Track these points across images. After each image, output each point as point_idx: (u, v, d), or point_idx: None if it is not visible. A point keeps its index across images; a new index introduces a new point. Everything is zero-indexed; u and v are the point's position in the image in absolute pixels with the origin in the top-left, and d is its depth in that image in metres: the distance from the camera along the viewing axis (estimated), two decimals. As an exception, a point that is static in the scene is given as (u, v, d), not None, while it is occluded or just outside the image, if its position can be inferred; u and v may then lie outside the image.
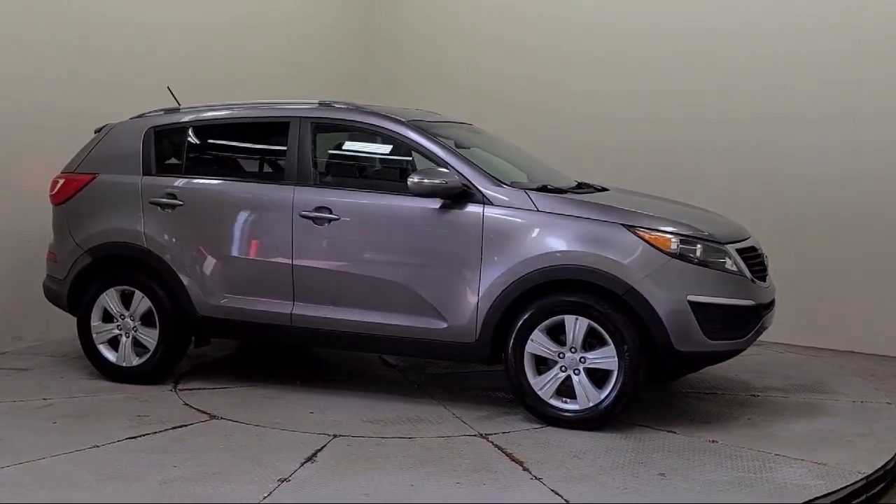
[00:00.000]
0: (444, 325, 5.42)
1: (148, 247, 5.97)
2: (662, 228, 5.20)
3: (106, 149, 6.30)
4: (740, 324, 5.23)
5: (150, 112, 6.43)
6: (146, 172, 6.12)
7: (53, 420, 5.28)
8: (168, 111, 6.35)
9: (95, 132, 6.47)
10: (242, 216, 5.85)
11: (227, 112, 6.20)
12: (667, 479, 4.45)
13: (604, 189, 6.00)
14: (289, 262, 5.70)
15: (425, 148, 5.60)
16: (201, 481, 4.37)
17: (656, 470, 4.58)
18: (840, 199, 7.53)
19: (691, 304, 5.06)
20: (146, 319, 6.05)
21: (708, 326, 5.09)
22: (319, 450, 4.81)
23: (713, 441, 5.06)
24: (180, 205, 5.95)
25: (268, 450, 4.81)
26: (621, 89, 8.51)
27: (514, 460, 4.71)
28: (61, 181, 6.36)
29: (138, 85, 7.52)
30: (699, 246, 5.19)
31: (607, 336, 5.11)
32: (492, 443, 4.99)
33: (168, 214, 5.97)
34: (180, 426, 5.20)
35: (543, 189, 5.53)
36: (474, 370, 6.57)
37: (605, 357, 5.12)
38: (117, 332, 6.11)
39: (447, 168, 5.43)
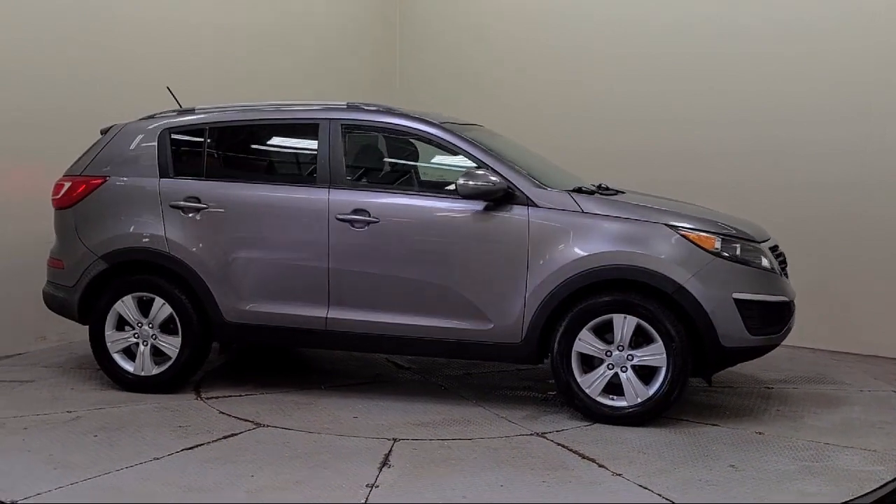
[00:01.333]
0: (490, 326, 5.45)
1: (171, 252, 5.79)
2: (705, 228, 5.37)
3: (116, 151, 6.08)
4: (776, 319, 5.44)
5: (160, 113, 6.24)
6: (163, 175, 5.93)
7: (94, 433, 5.07)
8: (181, 112, 6.17)
9: (102, 133, 6.23)
10: (273, 219, 5.74)
11: (251, 114, 6.06)
12: (739, 471, 4.60)
13: (620, 192, 6.12)
14: (324, 265, 5.62)
15: (464, 150, 5.62)
16: (288, 489, 4.29)
17: (725, 462, 4.73)
18: (861, 202, 7.46)
19: (735, 301, 5.24)
20: (165, 326, 5.87)
21: (750, 322, 5.28)
22: (388, 454, 4.78)
23: (759, 433, 5.25)
24: (204, 208, 5.79)
25: (336, 456, 4.74)
26: (641, 90, 8.52)
27: (584, 457, 4.78)
28: (67, 184, 6.10)
29: (141, 85, 7.37)
30: (738, 245, 5.38)
31: (655, 333, 5.24)
32: (552, 441, 5.05)
33: (191, 218, 5.80)
34: (230, 435, 5.07)
35: (578, 191, 5.63)
36: (493, 369, 6.66)
37: (654, 354, 5.25)
38: (134, 340, 5.90)
39: (489, 170, 5.47)
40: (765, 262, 5.44)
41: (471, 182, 5.38)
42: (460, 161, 5.68)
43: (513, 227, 5.42)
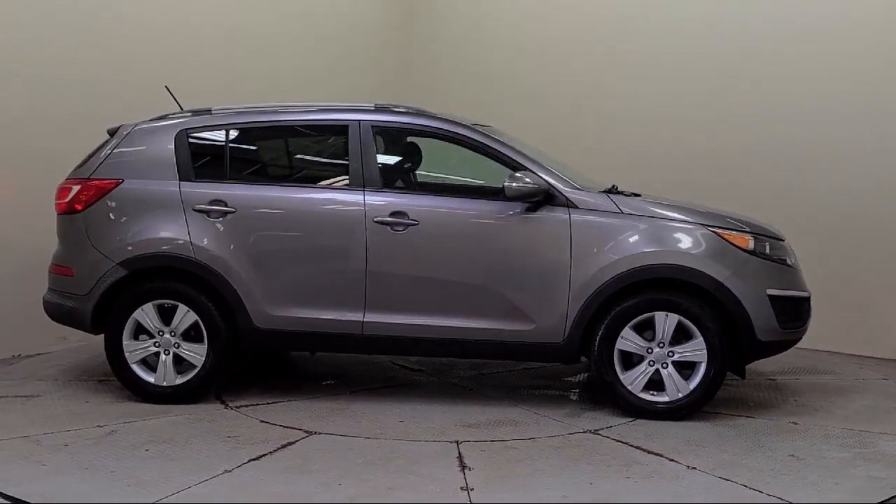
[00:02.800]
0: (531, 326, 5.50)
1: (197, 257, 5.59)
2: (739, 228, 5.57)
3: (129, 152, 5.82)
4: (802, 314, 5.69)
5: (174, 114, 6.02)
6: (184, 178, 5.72)
7: (142, 447, 4.85)
8: (197, 113, 5.96)
9: (109, 133, 5.96)
10: (307, 223, 5.62)
11: (275, 115, 5.92)
12: (801, 460, 4.80)
13: (636, 195, 6.24)
14: (361, 268, 5.55)
15: (500, 152, 5.66)
16: (385, 495, 4.24)
17: (783, 452, 4.93)
18: (883, 204, 7.45)
19: (769, 296, 5.47)
20: (187, 335, 5.67)
21: (782, 317, 5.52)
22: (460, 457, 4.77)
23: (794, 423, 5.49)
24: (232, 212, 5.62)
25: (411, 461, 4.69)
26: (656, 90, 8.54)
27: (650, 452, 4.89)
28: (75, 187, 5.80)
29: (140, 85, 7.19)
30: (768, 243, 5.61)
31: (696, 330, 5.41)
32: (608, 437, 5.15)
33: (218, 222, 5.62)
34: (287, 444, 4.94)
35: (611, 191, 5.74)
36: (503, 369, 6.75)
37: (695, 350, 5.42)
38: (155, 349, 5.68)
39: (528, 172, 5.52)
40: (789, 260, 5.69)
41: (515, 184, 5.42)
42: (494, 163, 5.70)
43: (555, 229, 5.48)
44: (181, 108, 6.20)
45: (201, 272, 5.60)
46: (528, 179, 5.44)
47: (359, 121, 5.74)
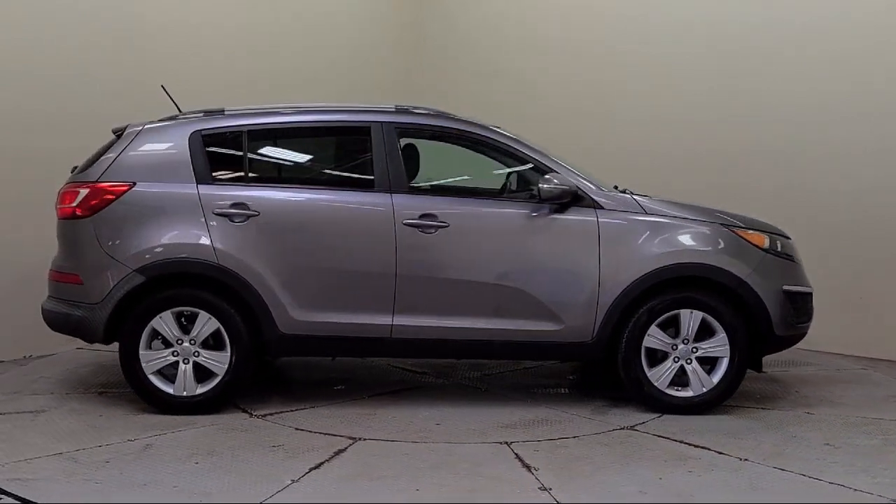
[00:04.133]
0: (560, 326, 5.56)
1: (220, 262, 5.42)
2: (755, 227, 5.78)
3: (140, 154, 5.59)
4: (809, 309, 5.94)
5: (185, 114, 5.83)
6: (201, 181, 5.54)
7: (191, 460, 4.68)
8: (209, 114, 5.78)
9: (115, 133, 5.72)
10: (334, 226, 5.53)
11: (295, 116, 5.79)
12: (838, 448, 5.01)
13: (644, 196, 6.34)
14: (391, 271, 5.49)
15: (527, 154, 5.70)
16: (469, 498, 4.22)
17: (817, 441, 5.14)
18: (885, 205, 7.44)
19: (785, 292, 5.69)
20: (205, 342, 5.50)
21: (795, 312, 5.76)
22: (519, 457, 4.78)
23: (809, 413, 5.74)
24: (255, 215, 5.47)
25: (474, 463, 4.67)
26: (666, 91, 8.52)
27: (696, 447, 5.02)
28: (83, 191, 5.54)
29: (142, 85, 7.05)
30: (779, 241, 5.84)
31: (719, 326, 5.58)
32: (648, 433, 5.26)
33: (241, 226, 5.47)
34: (339, 451, 4.85)
35: (623, 193, 5.86)
36: (506, 368, 6.81)
37: (718, 345, 5.59)
38: (173, 358, 5.48)
39: (556, 173, 5.58)
40: (796, 257, 5.94)
41: (548, 185, 5.47)
42: (515, 164, 5.77)
43: (583, 229, 5.56)
44: (178, 108, 6.01)
45: (225, 278, 5.44)
46: (557, 181, 5.50)
47: (381, 122, 5.68)
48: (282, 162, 5.94)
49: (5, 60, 6.44)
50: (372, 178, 5.62)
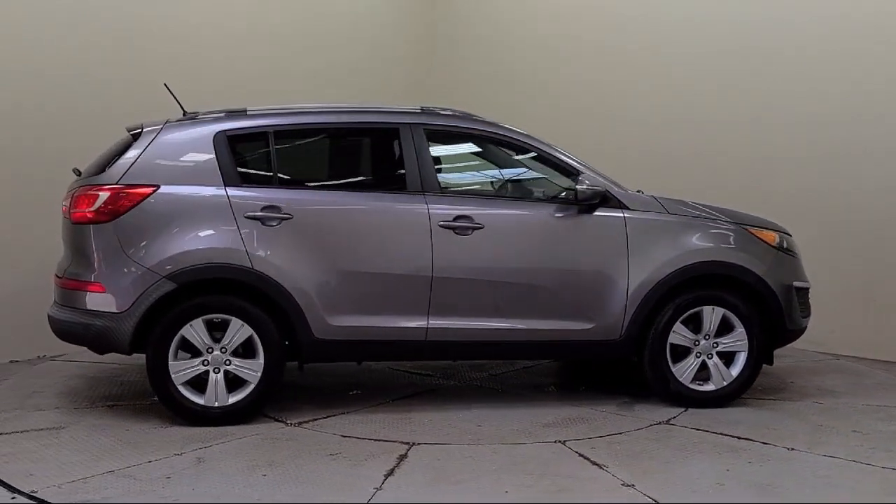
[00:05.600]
0: (590, 325, 5.66)
1: (255, 267, 5.25)
2: (766, 226, 6.03)
3: (162, 156, 5.35)
4: (808, 303, 6.24)
5: (204, 114, 5.62)
6: (230, 183, 5.35)
7: (257, 472, 4.53)
8: (231, 114, 5.59)
9: (132, 133, 5.46)
10: (368, 228, 5.45)
11: (321, 117, 5.67)
12: (866, 436, 5.27)
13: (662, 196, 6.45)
14: (427, 273, 5.46)
15: (554, 156, 5.77)
16: (560, 498, 4.24)
17: (845, 429, 5.40)
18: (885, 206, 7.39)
19: (794, 288, 5.97)
20: (236, 350, 5.32)
21: (801, 306, 6.04)
22: (583, 455, 4.84)
23: (817, 402, 6.03)
24: (288, 218, 5.33)
25: (541, 463, 4.70)
26: (678, 92, 8.49)
27: (740, 438, 5.18)
28: (103, 194, 5.25)
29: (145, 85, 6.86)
30: (785, 239, 6.11)
31: (738, 321, 5.79)
32: (686, 427, 5.40)
33: (274, 230, 5.31)
34: (402, 457, 4.78)
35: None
36: (507, 368, 6.87)
37: (737, 340, 5.81)
38: (203, 368, 5.28)
39: (586, 174, 5.67)
40: (797, 254, 6.23)
41: (585, 187, 5.55)
42: (543, 166, 5.83)
43: (613, 229, 5.67)
44: (182, 107, 5.81)
45: (259, 283, 5.27)
46: (589, 182, 5.59)
47: (410, 124, 5.63)
48: (310, 163, 5.81)
49: (5, 60, 6.31)
50: (403, 179, 5.57)
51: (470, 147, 6.02)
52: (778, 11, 7.92)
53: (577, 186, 5.55)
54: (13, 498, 4.16)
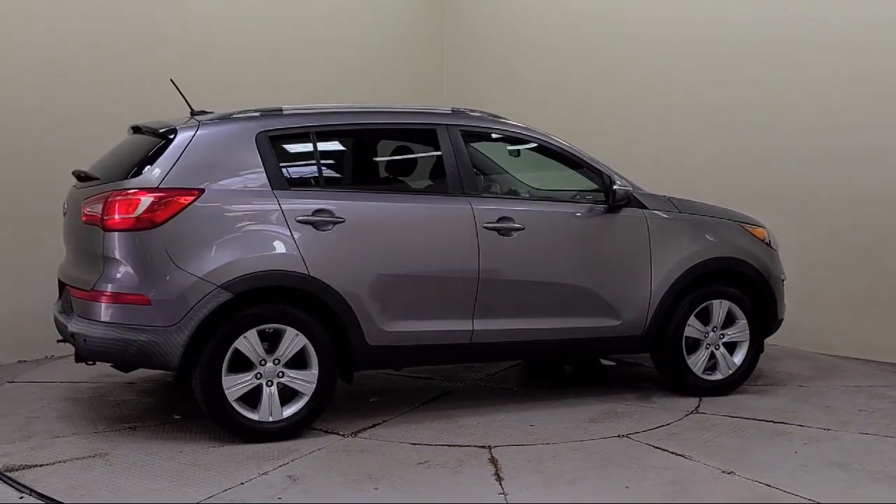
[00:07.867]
0: (618, 321, 5.84)
1: (312, 273, 5.04)
2: (756, 223, 6.43)
3: (203, 157, 5.03)
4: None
5: (237, 113, 5.31)
6: (277, 186, 5.10)
7: (371, 486, 4.39)
8: (267, 114, 5.32)
9: (135, 131, 5.10)
10: (419, 230, 5.36)
11: (360, 117, 5.51)
12: (871, 412, 5.75)
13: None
14: (474, 276, 5.44)
15: (580, 158, 5.89)
16: (675, 489, 4.39)
17: (851, 409, 5.84)
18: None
19: (781, 281, 6.42)
20: (289, 361, 5.09)
21: (784, 298, 6.50)
22: (655, 447, 5.01)
23: (801, 386, 6.48)
24: (340, 222, 5.15)
25: (630, 458, 4.82)
26: (689, 95, 8.40)
27: (774, 422, 5.49)
28: (146, 198, 4.85)
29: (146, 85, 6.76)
30: (770, 235, 6.54)
31: (742, 313, 6.16)
32: (717, 415, 5.68)
33: (327, 234, 5.12)
34: (492, 460, 4.78)
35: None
36: (515, 365, 6.90)
37: (740, 331, 6.18)
38: (257, 381, 5.01)
39: (610, 177, 5.83)
40: (776, 248, 6.69)
41: (616, 188, 5.72)
42: (570, 166, 5.95)
43: (636, 228, 5.88)
44: (189, 105, 5.50)
45: (316, 290, 5.07)
46: (620, 183, 5.77)
47: (447, 125, 5.58)
48: (352, 165, 5.62)
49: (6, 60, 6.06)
50: (445, 180, 5.51)
51: (503, 147, 6.04)
52: (782, 16, 7.88)
53: (614, 187, 5.70)
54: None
